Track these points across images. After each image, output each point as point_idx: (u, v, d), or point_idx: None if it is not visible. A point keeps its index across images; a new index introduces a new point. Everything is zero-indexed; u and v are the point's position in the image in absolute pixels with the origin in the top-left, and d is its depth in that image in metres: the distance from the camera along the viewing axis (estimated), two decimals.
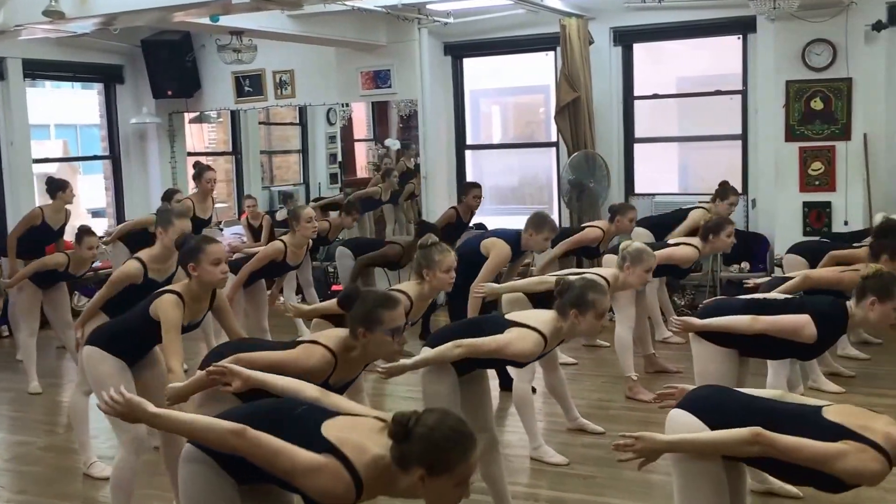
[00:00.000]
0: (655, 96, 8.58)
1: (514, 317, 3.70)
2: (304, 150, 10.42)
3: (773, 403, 2.80)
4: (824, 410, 2.60)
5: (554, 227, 5.91)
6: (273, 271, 6.48)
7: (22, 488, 4.61)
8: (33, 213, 7.04)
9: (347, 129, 10.16)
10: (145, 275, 4.67)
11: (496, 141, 9.97)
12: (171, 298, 3.72)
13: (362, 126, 10.35)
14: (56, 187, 6.96)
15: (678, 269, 5.86)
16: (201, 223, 7.34)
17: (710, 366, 3.85)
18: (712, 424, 2.65)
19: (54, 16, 5.64)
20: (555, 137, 8.74)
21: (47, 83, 17.01)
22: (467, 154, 9.47)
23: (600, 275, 4.76)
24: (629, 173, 8.64)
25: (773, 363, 4.61)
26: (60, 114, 18.92)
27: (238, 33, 7.68)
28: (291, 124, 10.56)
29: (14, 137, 8.56)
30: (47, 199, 7.04)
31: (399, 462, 2.23)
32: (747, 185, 8.11)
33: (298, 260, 6.28)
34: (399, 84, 8.95)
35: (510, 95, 9.92)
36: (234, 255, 7.03)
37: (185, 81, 9.71)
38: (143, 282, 4.63)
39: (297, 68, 9.44)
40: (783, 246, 7.31)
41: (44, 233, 6.95)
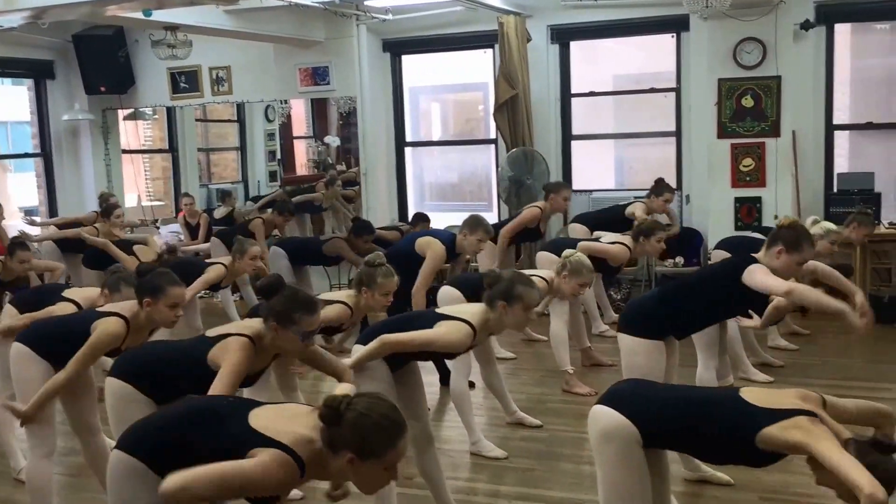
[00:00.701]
0: (592, 94, 8.68)
1: (444, 310, 3.74)
2: (242, 148, 10.31)
3: (694, 392, 2.90)
4: (743, 393, 2.68)
5: (488, 230, 5.98)
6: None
7: None
8: None
9: (286, 127, 10.07)
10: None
11: (436, 138, 9.99)
12: (116, 324, 3.60)
13: (301, 123, 10.27)
14: None
15: (609, 267, 5.96)
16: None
17: (636, 359, 3.92)
18: (633, 417, 2.72)
19: None
20: (494, 134, 8.79)
21: None
22: (407, 151, 9.48)
23: (541, 276, 4.85)
24: (567, 170, 8.73)
25: (702, 355, 4.71)
26: None
27: (172, 29, 7.57)
28: (229, 121, 10.44)
29: None
30: None
31: (329, 445, 2.26)
32: (681, 181, 8.27)
33: (230, 282, 6.29)
34: (338, 81, 8.92)
35: (449, 93, 9.94)
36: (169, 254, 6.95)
37: (119, 77, 9.54)
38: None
39: (234, 65, 9.35)
40: (716, 240, 7.48)
41: None
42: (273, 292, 3.07)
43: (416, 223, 7.89)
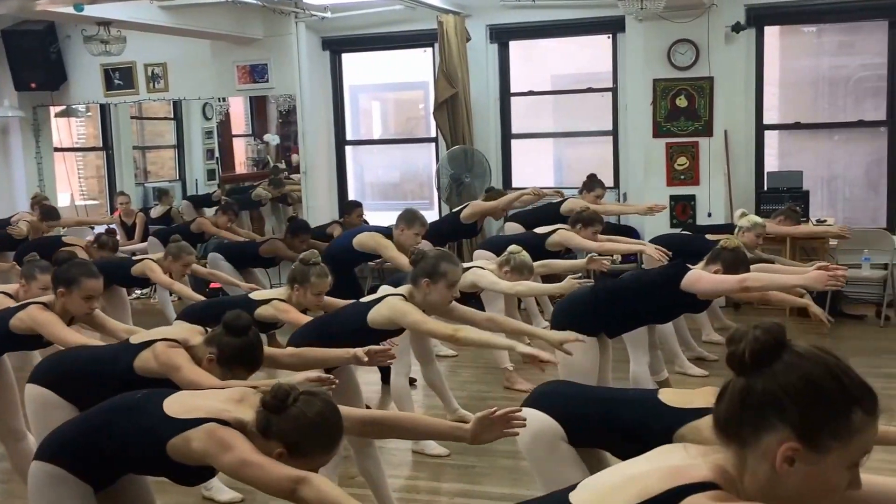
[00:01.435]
0: (531, 93, 8.77)
1: (368, 298, 3.74)
2: (179, 146, 10.17)
3: (614, 393, 2.99)
4: (661, 394, 2.76)
5: (424, 223, 6.00)
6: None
7: None
8: None
9: (225, 125, 9.97)
10: None
11: (376, 136, 9.98)
12: (38, 306, 3.62)
13: (240, 121, 10.18)
14: None
15: (550, 254, 6.01)
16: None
17: (571, 357, 3.97)
18: (556, 416, 2.78)
19: None
20: (434, 133, 8.83)
21: None
22: (347, 150, 9.46)
23: (484, 268, 4.89)
24: (506, 168, 8.82)
25: (633, 351, 4.82)
26: None
27: (105, 24, 7.43)
28: (165, 119, 10.29)
29: None
30: None
31: (262, 430, 2.25)
32: (618, 179, 8.41)
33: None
34: (277, 79, 8.86)
35: (390, 91, 9.95)
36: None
37: (50, 73, 9.34)
38: None
39: (171, 61, 9.21)
40: (652, 237, 7.63)
41: None
42: (236, 333, 3.00)
43: (350, 211, 7.89)
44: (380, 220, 8.63)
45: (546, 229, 6.03)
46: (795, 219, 6.85)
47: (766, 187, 7.81)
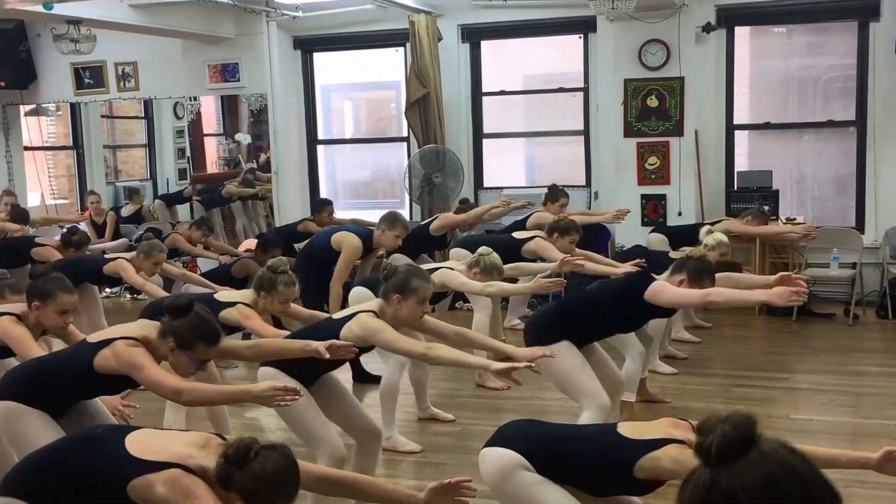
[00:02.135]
0: (503, 93, 8.79)
1: (340, 314, 3.71)
2: (150, 145, 10.11)
3: (574, 430, 3.02)
4: (619, 427, 2.78)
5: (406, 226, 6.00)
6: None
7: None
8: None
9: (196, 124, 9.90)
10: None
11: (348, 136, 9.96)
12: (10, 318, 3.59)
13: (212, 120, 10.12)
14: None
15: (523, 260, 6.04)
16: None
17: (554, 366, 3.95)
18: (521, 451, 2.77)
19: None
20: (406, 133, 8.82)
21: None
22: (319, 149, 9.44)
23: (453, 268, 4.90)
24: (478, 168, 8.83)
25: (626, 349, 4.89)
26: None
27: (75, 23, 7.37)
28: (136, 118, 10.22)
29: None
30: None
31: (221, 482, 2.26)
32: (590, 179, 8.44)
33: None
34: (248, 78, 8.82)
35: (362, 91, 9.93)
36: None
37: (20, 72, 9.26)
38: None
39: (141, 60, 9.16)
40: (623, 236, 7.70)
41: None
42: (181, 313, 3.01)
43: (320, 210, 7.87)
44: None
45: (524, 234, 6.04)
46: (763, 219, 6.93)
47: (736, 187, 7.87)
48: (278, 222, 8.76)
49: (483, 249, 4.99)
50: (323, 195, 9.26)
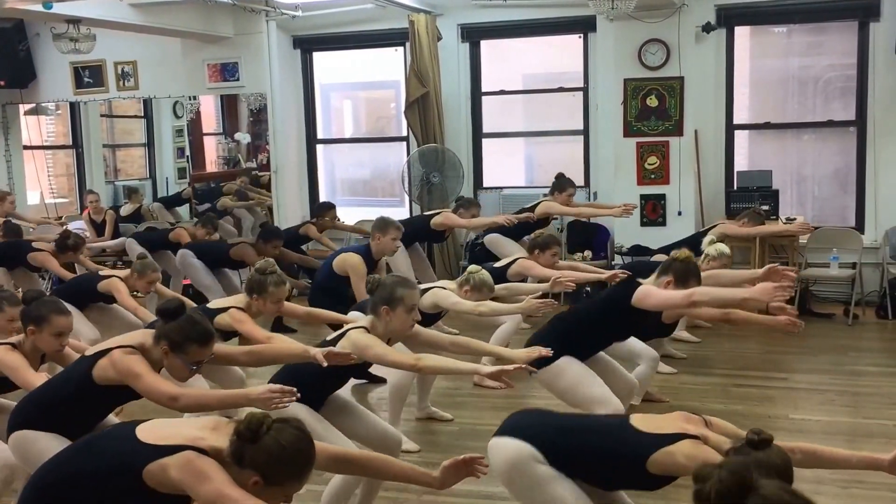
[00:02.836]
0: (502, 92, 8.78)
1: (332, 335, 3.68)
2: (149, 144, 10.11)
3: (587, 420, 3.00)
4: (633, 420, 2.76)
5: (398, 227, 6.03)
6: None
7: None
8: None
9: (195, 123, 9.90)
10: None
11: (347, 135, 9.96)
12: (5, 347, 3.57)
13: (211, 119, 10.12)
14: None
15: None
16: None
17: (561, 382, 3.98)
18: (531, 442, 2.76)
19: None
20: (406, 132, 8.82)
21: None
22: (318, 148, 9.43)
23: (446, 288, 4.89)
24: (477, 167, 8.82)
25: (637, 356, 4.90)
26: None
27: (75, 22, 7.37)
28: (135, 117, 10.21)
29: None
30: None
31: (236, 459, 2.26)
32: (589, 179, 8.43)
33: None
34: (247, 77, 8.82)
35: (361, 90, 9.92)
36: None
37: (19, 71, 9.26)
38: None
39: (141, 59, 9.15)
40: (622, 236, 7.70)
41: None
42: (172, 316, 3.02)
43: (322, 214, 7.88)
44: (351, 219, 8.64)
45: (505, 261, 6.00)
46: (759, 220, 6.91)
47: (735, 186, 7.86)
48: (277, 222, 8.76)
49: (472, 267, 4.99)
50: (322, 194, 9.27)
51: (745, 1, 7.86)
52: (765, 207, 7.36)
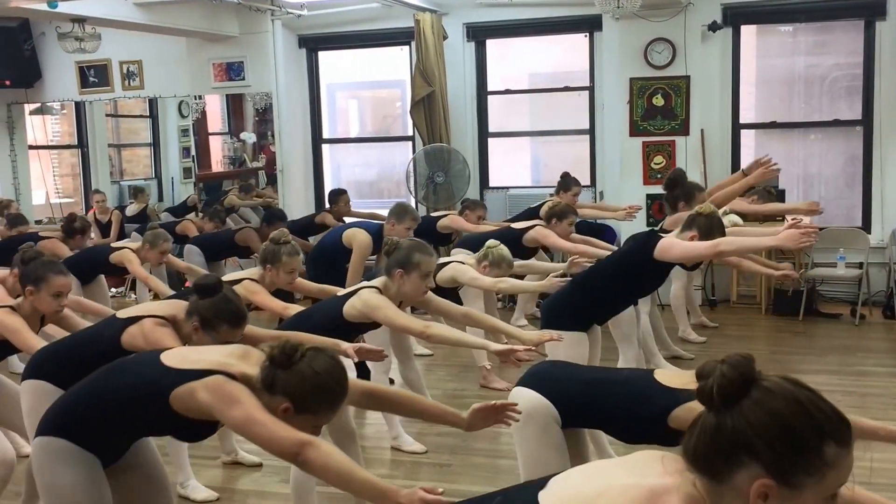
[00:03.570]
0: (508, 92, 8.77)
1: (344, 291, 3.70)
2: (154, 144, 10.11)
3: (610, 373, 2.98)
4: (656, 374, 2.75)
5: (416, 217, 5.97)
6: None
7: None
8: None
9: (201, 122, 9.89)
10: None
11: (353, 135, 9.95)
12: (5, 310, 3.57)
13: (217, 119, 10.10)
14: None
15: (526, 250, 6.03)
16: None
17: (559, 351, 3.94)
18: (551, 396, 2.77)
19: None
20: (411, 131, 8.81)
21: None
22: (324, 148, 9.43)
23: (464, 262, 4.90)
24: (483, 167, 8.81)
25: (622, 346, 4.85)
26: None
27: (80, 21, 7.37)
28: (141, 117, 10.21)
29: None
30: None
31: (267, 385, 2.24)
32: (595, 178, 8.42)
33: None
34: (253, 76, 8.81)
35: (367, 89, 9.91)
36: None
37: (24, 70, 9.26)
38: None
39: (146, 59, 9.15)
40: (628, 236, 7.66)
41: None
42: (207, 293, 2.99)
43: (336, 200, 7.86)
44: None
45: (523, 224, 6.03)
46: (769, 198, 6.84)
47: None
48: None
49: (491, 242, 4.99)
50: (327, 194, 9.24)
51: (751, 0, 7.84)
52: (772, 188, 7.31)
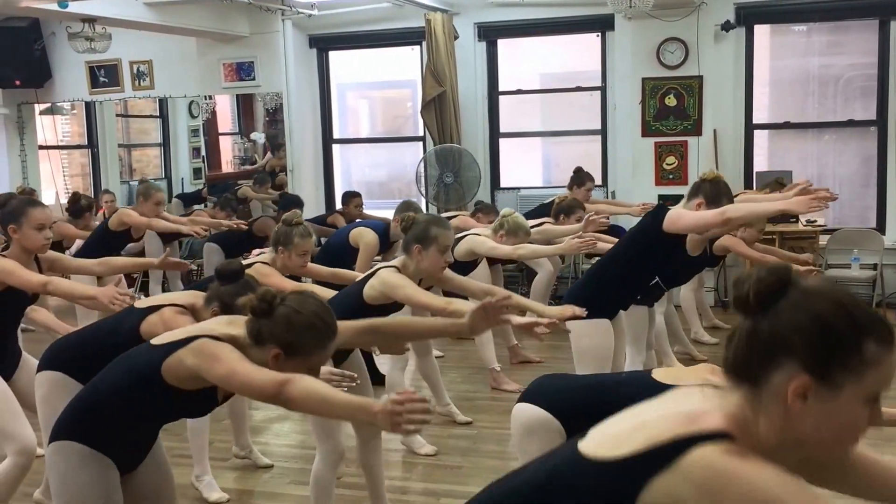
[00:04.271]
0: (519, 92, 8.73)
1: (364, 274, 3.68)
2: (164, 144, 10.10)
3: (605, 377, 2.95)
4: (654, 373, 2.71)
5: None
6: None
7: None
8: None
9: (211, 123, 9.88)
10: None
11: (364, 135, 9.93)
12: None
13: (227, 119, 10.09)
14: None
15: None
16: None
17: (584, 341, 3.90)
18: (551, 409, 2.72)
19: None
20: (422, 132, 8.77)
21: None
22: (335, 148, 9.40)
23: (480, 234, 4.90)
24: (494, 167, 8.77)
25: (630, 349, 4.78)
26: None
27: (90, 21, 7.36)
28: (151, 117, 10.21)
29: None
30: None
31: (255, 337, 2.25)
32: (607, 179, 8.37)
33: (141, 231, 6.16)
34: (263, 76, 8.79)
35: (377, 89, 9.89)
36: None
37: (35, 70, 9.26)
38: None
39: (156, 59, 9.15)
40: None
41: None
42: (228, 279, 2.96)
43: (347, 202, 7.85)
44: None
45: (533, 222, 6.00)
46: (781, 189, 6.78)
47: (755, 187, 7.76)
48: None
49: (506, 211, 5.00)
50: (338, 195, 9.21)
51: (765, 0, 7.78)
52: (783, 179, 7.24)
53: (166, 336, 2.40)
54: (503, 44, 8.69)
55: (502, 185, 8.76)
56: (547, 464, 1.59)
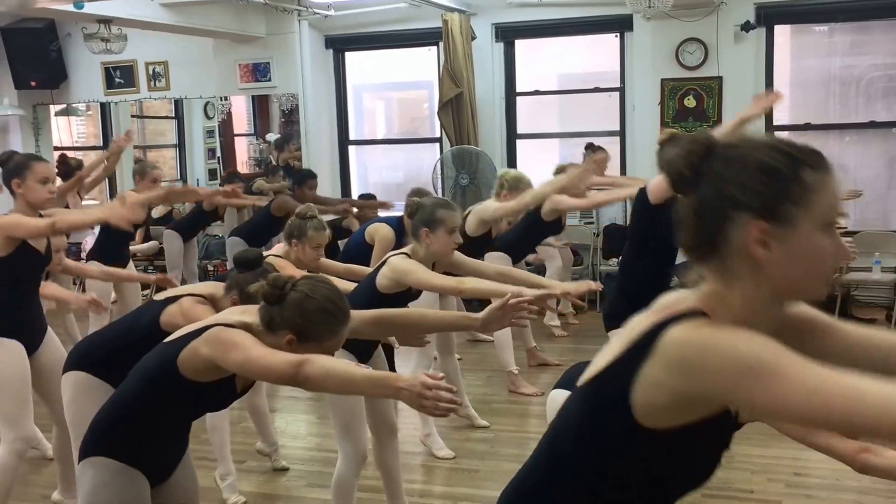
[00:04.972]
0: (537, 92, 8.66)
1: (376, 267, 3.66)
2: (180, 145, 10.08)
3: None
4: None
5: None
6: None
7: None
8: None
9: (227, 124, 9.86)
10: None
11: (380, 136, 9.88)
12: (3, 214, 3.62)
13: (242, 120, 10.08)
14: None
15: (549, 229, 6.00)
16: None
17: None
18: None
19: None
20: (439, 133, 8.72)
21: None
22: (351, 149, 9.36)
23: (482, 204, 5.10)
24: (512, 168, 8.69)
25: None
26: None
27: (106, 22, 7.35)
28: (166, 118, 10.20)
29: None
30: None
31: (268, 324, 2.25)
32: None
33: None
34: (279, 77, 8.76)
35: (394, 90, 9.85)
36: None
37: (50, 71, 9.26)
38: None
39: (172, 60, 9.13)
40: None
41: None
42: (248, 266, 2.92)
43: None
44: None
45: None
46: None
47: None
48: None
49: (501, 171, 5.14)
50: (354, 196, 9.17)
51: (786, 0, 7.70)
52: None
53: (178, 332, 2.38)
54: (521, 44, 8.63)
55: None
56: (559, 416, 1.60)
